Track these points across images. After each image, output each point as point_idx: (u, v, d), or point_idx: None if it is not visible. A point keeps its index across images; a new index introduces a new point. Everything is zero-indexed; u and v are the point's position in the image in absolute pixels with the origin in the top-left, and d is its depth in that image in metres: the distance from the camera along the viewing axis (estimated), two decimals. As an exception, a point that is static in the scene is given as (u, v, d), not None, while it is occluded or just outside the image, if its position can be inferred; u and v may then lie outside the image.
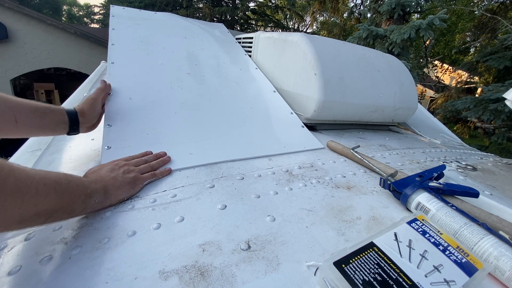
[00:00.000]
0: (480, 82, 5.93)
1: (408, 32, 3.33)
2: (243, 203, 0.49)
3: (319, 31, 14.98)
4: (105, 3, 18.25)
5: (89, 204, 0.41)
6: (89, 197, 0.41)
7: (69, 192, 0.38)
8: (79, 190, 0.40)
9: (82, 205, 0.40)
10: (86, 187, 0.41)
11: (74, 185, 0.39)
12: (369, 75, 1.01)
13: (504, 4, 5.03)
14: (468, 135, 4.83)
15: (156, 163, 0.57)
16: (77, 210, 0.40)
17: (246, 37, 1.37)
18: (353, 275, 0.32)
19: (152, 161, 0.57)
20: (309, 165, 0.68)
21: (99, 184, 0.45)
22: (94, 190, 0.43)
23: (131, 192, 0.49)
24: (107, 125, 0.65)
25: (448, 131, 1.50)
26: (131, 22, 1.14)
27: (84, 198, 0.40)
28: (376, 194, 0.58)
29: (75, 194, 0.39)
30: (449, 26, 9.00)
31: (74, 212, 0.40)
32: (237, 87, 1.01)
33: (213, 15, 9.12)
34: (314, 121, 0.97)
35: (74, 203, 0.38)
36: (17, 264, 0.34)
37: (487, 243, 0.39)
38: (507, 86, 3.04)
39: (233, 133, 0.77)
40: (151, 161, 0.57)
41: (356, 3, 6.46)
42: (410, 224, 0.42)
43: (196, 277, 0.33)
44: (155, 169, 0.56)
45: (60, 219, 0.38)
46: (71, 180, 0.39)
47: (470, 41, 6.35)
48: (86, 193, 0.41)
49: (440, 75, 8.14)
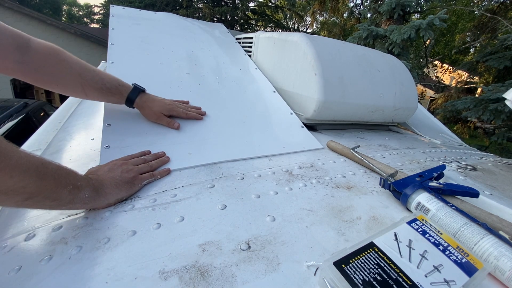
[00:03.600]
0: (480, 82, 5.93)
1: (408, 32, 3.33)
2: (243, 203, 0.49)
3: (319, 31, 14.98)
4: (105, 3, 18.25)
5: (77, 196, 0.40)
6: (78, 190, 0.40)
7: (55, 177, 0.37)
8: (67, 179, 0.39)
9: (69, 195, 0.39)
10: (76, 179, 0.41)
11: (63, 173, 0.39)
12: (369, 75, 1.01)
13: (504, 4, 5.03)
14: (468, 135, 4.83)
15: (155, 163, 0.57)
16: (64, 200, 0.39)
17: (246, 37, 1.37)
18: (353, 275, 0.32)
19: (151, 160, 0.58)
20: (309, 165, 0.68)
21: (93, 181, 0.44)
22: (85, 184, 0.42)
23: (129, 191, 0.49)
24: (106, 125, 0.65)
25: (448, 131, 1.50)
26: (131, 22, 1.14)
27: (72, 189, 0.39)
28: (376, 194, 0.58)
29: (61, 181, 0.38)
30: (449, 26, 9.00)
31: (60, 201, 0.38)
32: (237, 87, 1.01)
33: (213, 15, 9.12)
34: (314, 121, 0.97)
35: (58, 191, 0.37)
36: (17, 264, 0.34)
37: (487, 243, 0.39)
38: (507, 86, 3.04)
39: (233, 133, 0.77)
40: (150, 160, 0.57)
41: (356, 3, 6.46)
42: (410, 224, 0.42)
43: (196, 277, 0.33)
44: (154, 169, 0.56)
45: (44, 205, 0.38)
46: (62, 168, 0.40)
47: (470, 41, 6.35)
48: (75, 184, 0.40)
49: (440, 75, 8.14)
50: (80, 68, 0.61)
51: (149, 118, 0.70)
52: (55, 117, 1.04)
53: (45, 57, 0.56)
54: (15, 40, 0.52)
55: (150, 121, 0.71)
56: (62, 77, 0.60)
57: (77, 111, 1.02)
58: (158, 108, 0.70)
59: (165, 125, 0.70)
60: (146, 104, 0.69)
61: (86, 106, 1.05)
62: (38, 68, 0.56)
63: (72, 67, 0.60)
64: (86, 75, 0.62)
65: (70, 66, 0.60)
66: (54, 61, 0.58)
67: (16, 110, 3.26)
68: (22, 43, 0.53)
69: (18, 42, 0.52)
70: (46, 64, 0.57)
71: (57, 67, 0.58)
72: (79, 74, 0.61)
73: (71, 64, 0.60)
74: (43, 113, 3.87)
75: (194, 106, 0.81)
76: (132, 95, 0.68)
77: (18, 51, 0.52)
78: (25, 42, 0.54)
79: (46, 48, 0.57)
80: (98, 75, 0.64)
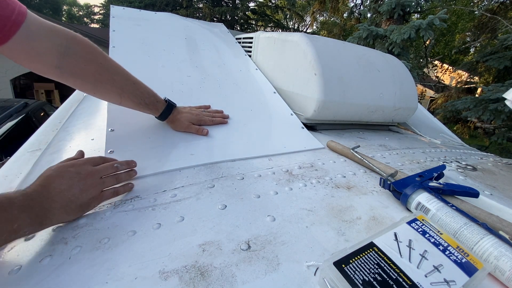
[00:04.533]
0: (480, 82, 5.93)
1: (408, 32, 3.33)
2: (243, 203, 0.49)
3: (319, 31, 14.98)
4: (105, 3, 18.26)
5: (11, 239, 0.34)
6: (15, 233, 0.33)
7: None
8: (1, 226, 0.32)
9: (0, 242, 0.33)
10: (13, 220, 0.33)
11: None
12: (369, 75, 1.01)
13: (504, 4, 5.03)
14: (468, 135, 4.83)
15: (124, 175, 0.49)
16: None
17: (246, 37, 1.37)
18: (353, 275, 0.32)
19: (121, 170, 0.50)
20: (309, 165, 0.68)
21: (37, 208, 0.36)
22: (24, 222, 0.34)
23: (77, 215, 0.41)
24: (109, 130, 0.65)
25: (448, 131, 1.50)
26: (131, 23, 1.14)
27: (6, 237, 0.33)
28: (376, 194, 0.58)
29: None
30: (449, 26, 9.00)
31: None
32: (237, 88, 1.01)
33: (213, 15, 9.12)
34: (314, 121, 0.97)
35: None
36: (17, 264, 0.34)
37: (487, 243, 0.39)
38: (507, 86, 3.04)
39: (233, 133, 0.78)
40: (121, 169, 0.50)
41: (356, 3, 6.47)
42: (410, 224, 0.42)
43: (196, 277, 0.33)
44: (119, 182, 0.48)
45: None
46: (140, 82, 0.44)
47: (470, 41, 6.35)
48: (12, 229, 0.33)
49: (440, 75, 8.14)
50: (122, 80, 0.60)
51: (178, 129, 0.72)
52: (55, 117, 1.04)
53: (84, 64, 0.54)
54: (54, 44, 0.49)
55: (178, 131, 0.72)
56: (101, 87, 0.58)
57: (77, 111, 1.02)
58: (186, 119, 0.72)
59: (194, 133, 0.72)
60: (177, 118, 0.71)
61: (86, 106, 1.05)
62: (75, 74, 0.54)
63: (114, 80, 0.59)
64: (128, 89, 0.61)
65: (112, 78, 0.58)
66: (94, 69, 0.55)
67: (16, 110, 3.27)
68: (62, 46, 0.50)
69: (57, 45, 0.50)
70: (85, 71, 0.55)
71: (97, 77, 0.56)
72: (121, 88, 0.60)
73: (114, 76, 0.59)
74: (43, 113, 3.88)
75: (217, 110, 0.84)
76: (167, 112, 0.69)
77: (56, 56, 0.50)
78: (65, 46, 0.51)
79: (87, 53, 0.54)
80: (139, 89, 0.63)
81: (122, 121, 0.70)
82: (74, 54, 0.52)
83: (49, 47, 0.49)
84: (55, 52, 0.50)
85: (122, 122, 0.69)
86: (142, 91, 0.64)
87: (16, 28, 0.43)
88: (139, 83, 0.64)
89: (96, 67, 0.56)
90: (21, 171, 0.67)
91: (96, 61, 0.56)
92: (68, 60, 0.52)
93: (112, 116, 0.70)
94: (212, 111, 0.83)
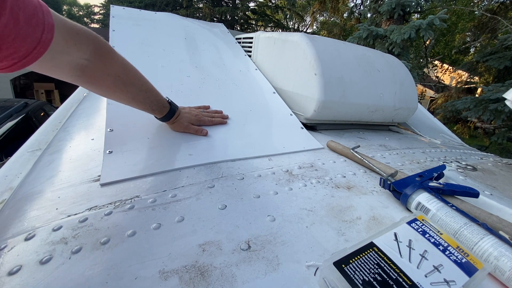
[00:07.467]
0: (480, 82, 5.93)
1: (408, 32, 3.34)
2: (243, 203, 0.49)
3: (319, 31, 14.98)
4: (105, 3, 18.27)
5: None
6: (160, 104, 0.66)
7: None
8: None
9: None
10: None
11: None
12: (369, 75, 1.01)
13: (504, 4, 5.03)
14: (468, 135, 4.84)
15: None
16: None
17: (246, 37, 1.37)
18: (353, 275, 0.32)
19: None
20: (309, 165, 0.68)
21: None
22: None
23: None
24: (108, 130, 0.65)
25: (448, 131, 1.50)
26: (131, 23, 1.14)
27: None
28: (376, 194, 0.58)
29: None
30: (449, 26, 8.99)
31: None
32: (237, 88, 1.01)
33: (213, 15, 9.13)
34: (314, 121, 0.97)
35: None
36: (17, 264, 0.34)
37: (487, 243, 0.39)
38: (507, 86, 3.04)
39: (233, 133, 0.78)
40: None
41: (356, 3, 6.47)
42: (410, 224, 0.42)
43: (196, 277, 0.33)
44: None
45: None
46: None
47: (470, 41, 6.35)
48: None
49: (440, 75, 8.15)
50: (134, 91, 0.61)
51: (178, 129, 0.73)
52: (55, 117, 1.04)
53: (101, 75, 0.54)
54: (77, 57, 0.48)
55: (177, 131, 0.73)
56: (113, 95, 0.60)
57: (77, 111, 1.02)
58: (186, 119, 0.73)
59: (193, 133, 0.73)
60: (177, 119, 0.72)
61: (86, 106, 1.05)
62: (90, 82, 0.54)
63: (127, 91, 0.60)
64: (138, 98, 0.62)
65: (126, 90, 0.59)
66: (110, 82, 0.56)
67: (16, 110, 3.27)
68: (84, 59, 0.49)
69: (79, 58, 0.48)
70: (101, 82, 0.55)
71: (111, 87, 0.57)
72: (131, 97, 0.61)
73: (127, 87, 0.59)
74: (43, 113, 3.88)
75: (217, 110, 0.84)
76: (171, 115, 0.70)
77: (77, 68, 0.49)
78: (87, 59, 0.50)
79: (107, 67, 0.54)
80: (149, 98, 0.64)
81: (121, 121, 0.70)
82: (95, 67, 0.52)
83: (71, 61, 0.48)
84: (76, 65, 0.49)
85: (121, 122, 0.69)
86: (152, 99, 0.65)
87: (44, 49, 0.39)
88: (151, 91, 0.64)
89: (112, 80, 0.56)
90: (21, 171, 0.67)
91: (114, 74, 0.56)
92: (87, 73, 0.51)
93: (111, 116, 0.70)
94: (212, 111, 0.83)
